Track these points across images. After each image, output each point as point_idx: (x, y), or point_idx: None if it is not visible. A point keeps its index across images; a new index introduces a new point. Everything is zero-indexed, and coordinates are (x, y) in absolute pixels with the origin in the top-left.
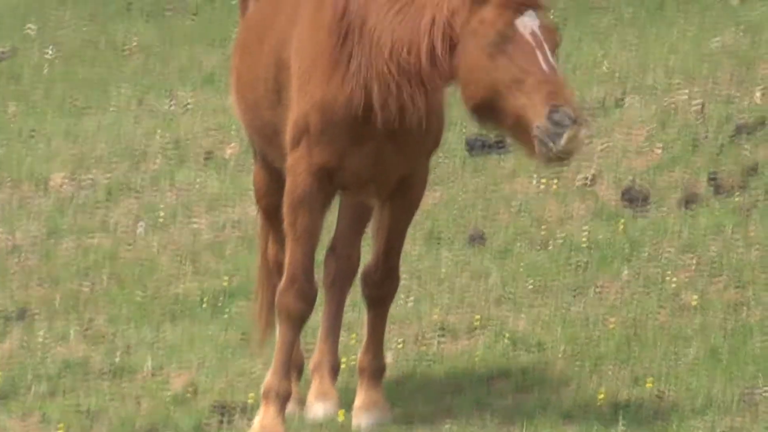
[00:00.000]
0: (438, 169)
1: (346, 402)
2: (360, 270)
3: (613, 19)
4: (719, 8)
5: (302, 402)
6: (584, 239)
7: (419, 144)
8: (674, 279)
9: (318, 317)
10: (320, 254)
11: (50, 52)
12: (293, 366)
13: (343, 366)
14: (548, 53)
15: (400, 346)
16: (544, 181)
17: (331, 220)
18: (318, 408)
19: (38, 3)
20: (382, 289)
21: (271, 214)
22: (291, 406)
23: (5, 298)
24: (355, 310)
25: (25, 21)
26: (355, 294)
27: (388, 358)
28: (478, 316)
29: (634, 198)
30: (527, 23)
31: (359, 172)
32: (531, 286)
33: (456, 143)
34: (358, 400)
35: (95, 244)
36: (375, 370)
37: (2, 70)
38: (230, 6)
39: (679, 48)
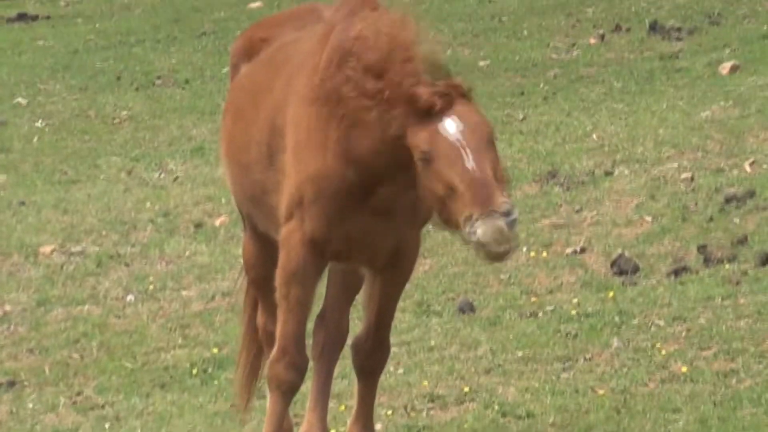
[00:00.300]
0: (428, 240)
1: None
2: (350, 340)
3: (603, 90)
4: (708, 80)
5: None
6: (574, 309)
7: (411, 216)
8: (664, 349)
9: (307, 386)
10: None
11: (40, 122)
12: None
13: None
14: (471, 156)
15: (390, 415)
16: (533, 251)
17: (320, 289)
18: None
19: (28, 74)
20: (372, 360)
21: (261, 284)
22: None
23: None
24: (345, 380)
25: (15, 92)
26: (345, 363)
27: (378, 427)
28: (467, 386)
29: (623, 268)
30: (448, 130)
31: (352, 244)
32: (520, 356)
33: None
34: None
35: (85, 313)
36: None
37: None
38: (220, 77)
39: (668, 119)
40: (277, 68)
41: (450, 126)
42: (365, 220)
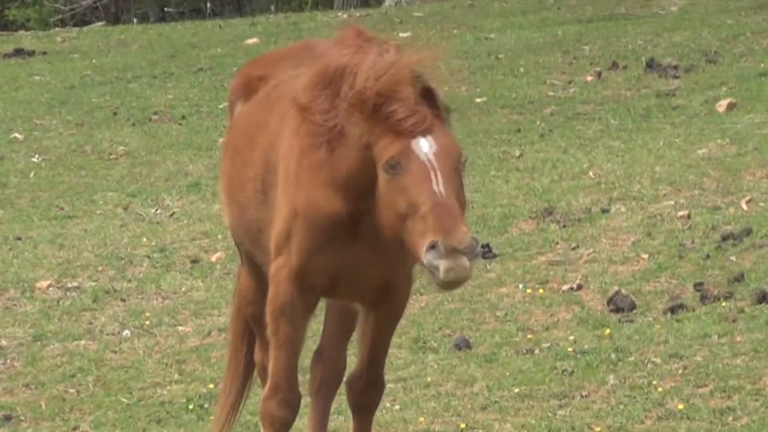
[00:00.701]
0: (424, 276)
1: None
2: (345, 377)
3: (600, 127)
4: (705, 118)
5: None
6: (570, 346)
7: (400, 251)
8: (660, 386)
9: (303, 421)
10: (307, 358)
11: (37, 158)
12: None
13: None
14: (440, 179)
15: None
16: (529, 288)
17: (317, 325)
18: None
19: (25, 109)
20: (367, 397)
21: (258, 320)
22: None
23: None
24: (341, 416)
25: (12, 127)
26: (341, 399)
27: None
28: (463, 423)
29: (620, 305)
30: (421, 148)
31: (340, 278)
32: (517, 393)
33: None
34: None
35: (81, 348)
36: None
37: None
38: (216, 113)
39: (665, 157)
40: (272, 106)
41: (423, 145)
42: (353, 253)
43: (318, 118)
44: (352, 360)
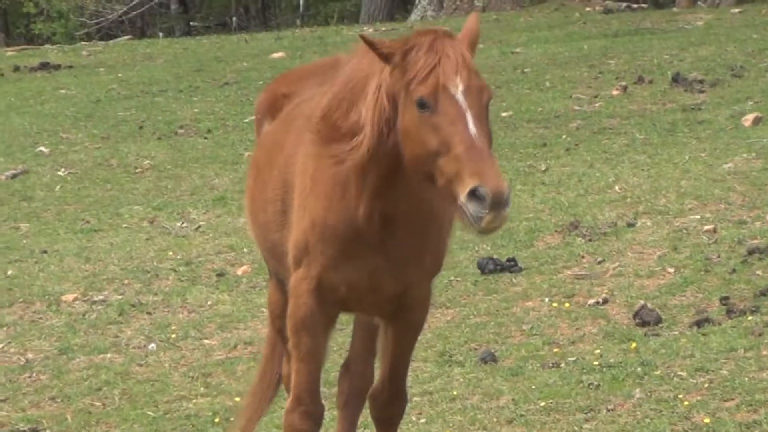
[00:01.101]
0: (450, 290)
1: None
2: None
3: (625, 141)
4: (731, 132)
5: None
6: (596, 360)
7: (415, 261)
8: (686, 400)
9: None
10: (333, 371)
11: (62, 171)
12: None
13: None
14: (474, 119)
15: None
16: (555, 302)
17: (342, 338)
18: None
19: (51, 123)
20: (389, 411)
21: (286, 334)
22: None
23: (17, 415)
24: (366, 430)
25: (38, 140)
26: (366, 413)
27: None
28: None
29: (645, 319)
30: (456, 87)
31: (359, 290)
32: (542, 406)
33: (468, 264)
34: None
35: (107, 361)
36: None
37: (15, 189)
38: (242, 127)
39: (691, 171)
40: (289, 125)
41: (455, 84)
42: (371, 264)
43: (336, 149)
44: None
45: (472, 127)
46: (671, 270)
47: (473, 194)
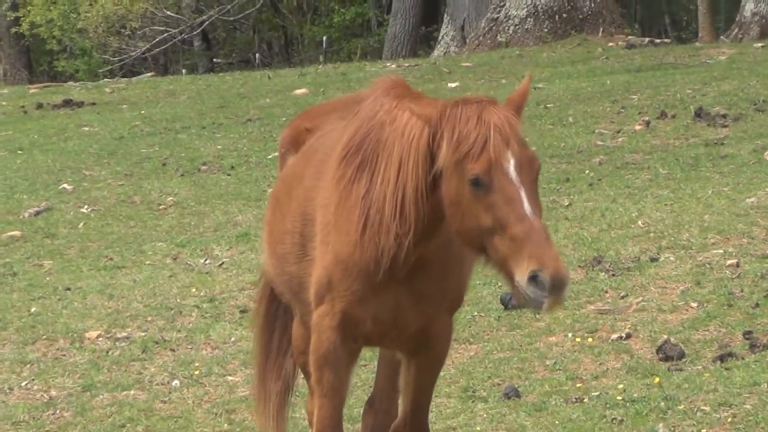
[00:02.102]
0: (473, 326)
1: None
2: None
3: (648, 176)
4: (754, 166)
5: None
6: (619, 395)
7: (437, 297)
8: None
9: None
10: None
11: (86, 208)
12: None
13: None
14: (528, 196)
15: None
16: (578, 337)
17: (366, 374)
18: None
19: (74, 160)
20: None
21: (309, 370)
22: None
23: None
24: None
25: (61, 177)
26: None
27: None
28: None
29: (669, 354)
30: (508, 161)
31: (381, 325)
32: None
33: (491, 300)
34: None
35: (130, 398)
36: None
37: (38, 226)
38: (265, 163)
39: (714, 205)
40: (309, 159)
41: (508, 160)
42: (396, 298)
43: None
44: None
45: (527, 206)
46: (694, 304)
47: (533, 279)
